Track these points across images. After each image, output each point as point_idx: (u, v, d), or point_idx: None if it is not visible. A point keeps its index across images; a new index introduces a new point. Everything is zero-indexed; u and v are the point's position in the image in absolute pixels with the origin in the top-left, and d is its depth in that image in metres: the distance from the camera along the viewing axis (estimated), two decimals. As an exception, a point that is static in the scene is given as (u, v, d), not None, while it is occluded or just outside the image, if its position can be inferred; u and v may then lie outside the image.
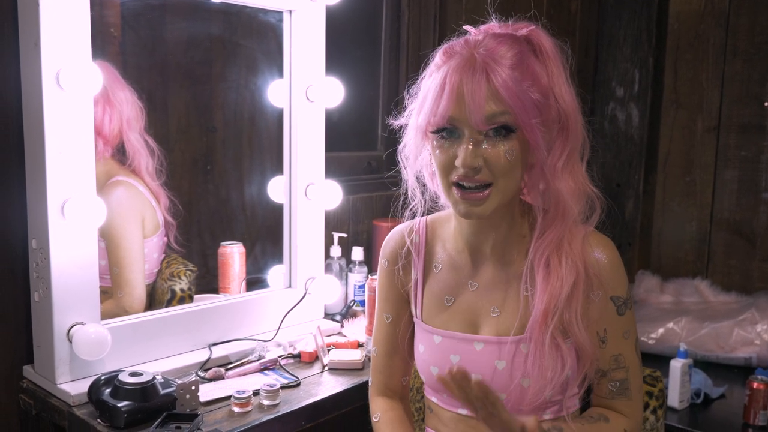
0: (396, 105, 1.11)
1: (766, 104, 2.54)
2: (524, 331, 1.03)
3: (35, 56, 1.20)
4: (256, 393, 1.30)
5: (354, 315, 1.80)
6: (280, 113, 1.68)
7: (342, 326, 1.71)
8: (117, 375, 1.21)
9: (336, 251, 1.86)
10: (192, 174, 1.70)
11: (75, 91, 1.22)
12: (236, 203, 1.79)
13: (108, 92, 1.42)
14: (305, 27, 1.63)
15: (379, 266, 1.20)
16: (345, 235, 1.90)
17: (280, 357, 1.48)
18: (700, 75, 2.68)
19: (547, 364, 1.00)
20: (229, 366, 1.42)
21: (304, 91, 1.65)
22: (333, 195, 1.72)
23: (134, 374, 1.21)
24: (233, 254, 1.66)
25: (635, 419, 1.07)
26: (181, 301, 1.56)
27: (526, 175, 1.03)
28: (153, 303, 1.55)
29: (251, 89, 1.76)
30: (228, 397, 1.27)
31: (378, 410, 1.20)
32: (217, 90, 1.73)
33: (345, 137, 2.07)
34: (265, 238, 1.78)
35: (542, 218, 1.04)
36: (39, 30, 1.18)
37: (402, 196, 1.14)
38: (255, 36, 1.73)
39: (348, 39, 2.06)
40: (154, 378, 1.21)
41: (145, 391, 1.18)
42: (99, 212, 1.27)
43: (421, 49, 2.20)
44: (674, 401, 1.94)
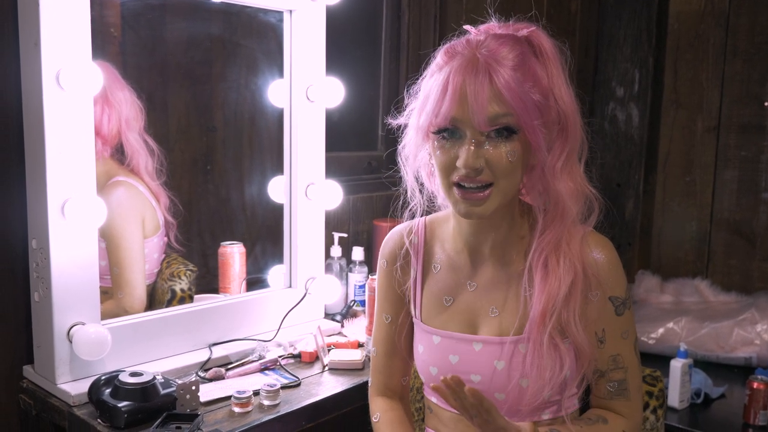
0: (396, 105, 1.11)
1: (766, 104, 2.54)
2: (523, 332, 1.03)
3: (35, 56, 1.20)
4: (257, 393, 1.30)
5: (354, 315, 1.80)
6: (281, 113, 1.68)
7: (342, 326, 1.71)
8: (117, 375, 1.21)
9: (336, 251, 1.86)
10: (192, 174, 1.70)
11: (75, 91, 1.22)
12: (236, 203, 1.79)
13: (107, 92, 1.42)
14: (305, 27, 1.63)
15: (378, 266, 1.20)
16: (345, 235, 1.89)
17: (281, 357, 1.48)
18: (700, 75, 2.68)
19: (546, 365, 1.00)
20: (230, 366, 1.42)
21: (305, 91, 1.65)
22: (333, 195, 1.72)
23: (134, 374, 1.21)
24: (233, 254, 1.66)
25: (634, 420, 1.07)
26: (182, 301, 1.56)
27: (526, 176, 1.03)
28: (153, 303, 1.55)
29: (251, 89, 1.76)
30: (228, 397, 1.27)
31: (378, 410, 1.20)
32: (217, 90, 1.73)
33: (345, 137, 2.07)
34: (266, 238, 1.78)
35: (542, 219, 1.04)
36: (39, 30, 1.18)
37: (402, 197, 1.14)
38: (255, 36, 1.73)
39: (348, 39, 2.06)
40: (155, 378, 1.21)
41: (146, 391, 1.18)
42: (99, 212, 1.27)
43: (422, 49, 2.20)
44: (674, 401, 1.94)
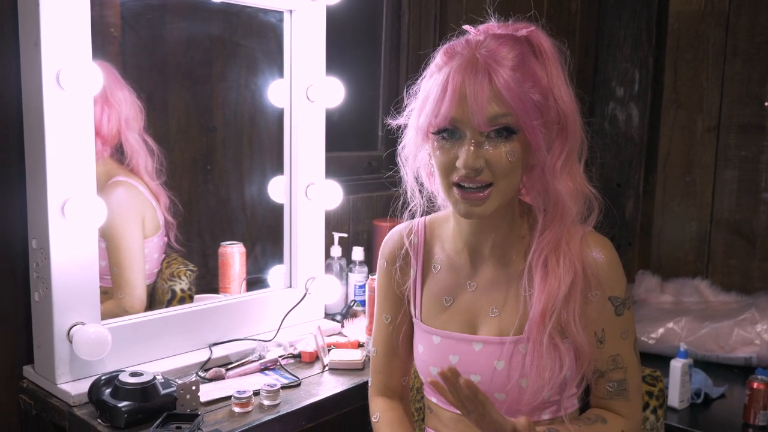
0: (396, 105, 1.11)
1: (766, 104, 2.54)
2: (523, 332, 1.03)
3: (35, 56, 1.20)
4: (257, 393, 1.30)
5: (354, 315, 1.80)
6: (281, 113, 1.68)
7: (342, 326, 1.71)
8: (117, 375, 1.21)
9: (336, 251, 1.85)
10: (192, 174, 1.70)
11: (75, 91, 1.22)
12: (236, 203, 1.79)
13: (107, 92, 1.42)
14: (305, 27, 1.63)
15: (378, 267, 1.20)
16: (345, 235, 1.89)
17: (281, 357, 1.48)
18: (700, 75, 2.68)
19: (545, 364, 1.00)
20: (230, 366, 1.42)
21: (305, 91, 1.65)
22: (333, 195, 1.72)
23: (134, 374, 1.21)
24: (233, 254, 1.66)
25: (633, 420, 1.07)
26: (182, 301, 1.56)
27: (526, 176, 1.03)
28: (153, 303, 1.55)
29: (251, 89, 1.76)
30: (228, 397, 1.27)
31: (378, 410, 1.20)
32: (217, 90, 1.73)
33: (345, 137, 2.07)
34: (266, 238, 1.78)
35: (542, 219, 1.04)
36: (39, 30, 1.18)
37: (402, 197, 1.14)
38: (255, 36, 1.73)
39: (348, 39, 2.06)
40: (155, 378, 1.21)
41: (146, 391, 1.18)
42: (99, 212, 1.27)
43: (422, 49, 2.20)
44: (674, 401, 1.94)
